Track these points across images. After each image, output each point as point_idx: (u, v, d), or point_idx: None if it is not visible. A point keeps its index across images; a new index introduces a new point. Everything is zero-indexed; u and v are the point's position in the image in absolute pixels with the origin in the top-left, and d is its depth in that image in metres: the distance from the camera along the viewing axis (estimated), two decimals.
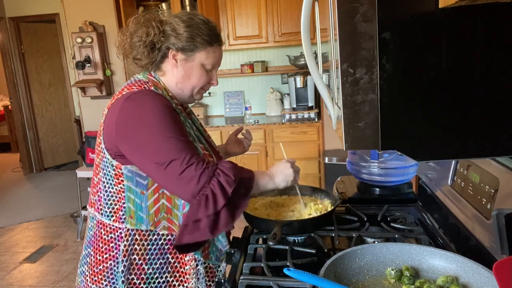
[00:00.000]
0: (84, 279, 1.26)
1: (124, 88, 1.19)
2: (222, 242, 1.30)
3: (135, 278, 1.21)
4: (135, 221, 1.19)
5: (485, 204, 1.00)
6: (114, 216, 1.20)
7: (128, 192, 1.18)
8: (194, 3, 3.87)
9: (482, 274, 0.88)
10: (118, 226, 1.19)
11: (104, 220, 1.21)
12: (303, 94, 4.06)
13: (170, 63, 1.21)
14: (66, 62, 5.78)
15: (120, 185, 1.18)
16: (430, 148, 0.66)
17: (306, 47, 0.82)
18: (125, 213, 1.19)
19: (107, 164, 1.18)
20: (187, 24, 1.19)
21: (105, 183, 1.20)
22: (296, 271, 0.92)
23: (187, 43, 1.18)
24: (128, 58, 1.26)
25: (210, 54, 1.22)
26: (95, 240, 1.24)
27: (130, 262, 1.20)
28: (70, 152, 6.53)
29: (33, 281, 3.23)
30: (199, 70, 1.23)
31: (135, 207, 1.18)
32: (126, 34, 1.21)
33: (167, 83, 1.24)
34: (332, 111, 0.82)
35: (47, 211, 4.67)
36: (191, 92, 1.25)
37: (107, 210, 1.20)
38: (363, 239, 1.25)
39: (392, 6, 0.62)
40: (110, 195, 1.19)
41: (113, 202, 1.19)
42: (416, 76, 0.63)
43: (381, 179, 1.61)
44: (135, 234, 1.19)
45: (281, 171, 1.23)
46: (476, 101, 0.63)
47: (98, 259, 1.22)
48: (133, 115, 1.11)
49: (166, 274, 1.22)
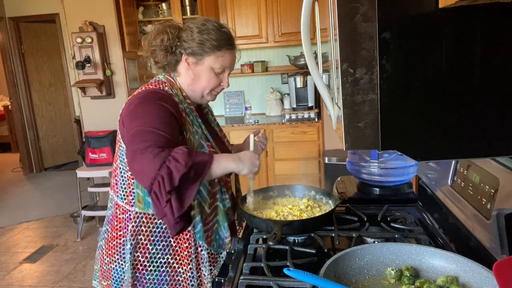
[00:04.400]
0: (101, 252, 1.43)
1: (143, 86, 1.34)
2: (224, 233, 1.37)
3: (140, 256, 1.35)
4: (143, 205, 1.31)
5: (485, 204, 1.00)
6: (126, 199, 1.34)
7: None
8: (194, 3, 3.87)
9: (482, 274, 0.88)
10: (128, 209, 1.34)
11: (119, 202, 1.36)
12: (303, 94, 4.06)
13: (184, 66, 1.35)
14: (66, 62, 5.78)
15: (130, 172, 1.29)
16: (430, 148, 0.66)
17: (306, 47, 0.82)
18: (134, 198, 1.32)
19: (122, 151, 1.32)
20: (199, 30, 1.31)
21: (121, 169, 1.34)
22: (296, 271, 0.92)
23: (197, 47, 1.30)
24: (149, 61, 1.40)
25: (218, 58, 1.32)
26: (112, 218, 1.40)
27: (136, 241, 1.34)
28: (70, 152, 6.53)
29: (33, 281, 3.23)
30: (208, 73, 1.34)
31: (142, 193, 1.30)
32: (148, 39, 1.36)
33: (182, 83, 1.37)
34: (332, 111, 0.82)
35: (47, 211, 4.67)
36: (202, 93, 1.37)
37: (121, 193, 1.35)
38: (363, 239, 1.25)
39: (392, 6, 0.62)
40: (124, 180, 1.34)
41: (126, 187, 1.34)
42: (416, 76, 0.63)
43: (381, 179, 1.61)
44: (142, 217, 1.33)
45: (250, 159, 1.27)
46: (476, 101, 0.63)
47: (113, 235, 1.38)
48: (136, 107, 1.25)
49: (168, 255, 1.35)
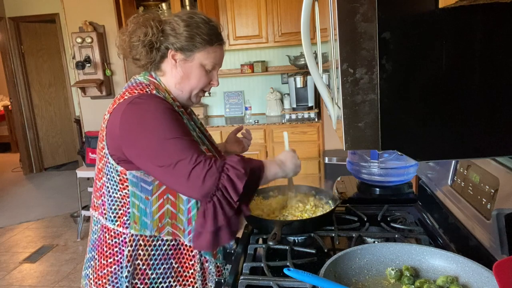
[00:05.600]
0: (89, 282, 1.26)
1: (126, 91, 1.17)
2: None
3: (139, 283, 1.20)
4: (139, 226, 1.18)
5: (485, 204, 1.00)
6: (119, 221, 1.19)
7: (132, 197, 1.17)
8: (194, 3, 3.87)
9: (482, 274, 0.88)
10: (122, 231, 1.19)
11: (109, 225, 1.20)
12: (303, 94, 4.06)
13: (170, 63, 1.20)
14: (66, 62, 5.78)
15: (124, 191, 1.17)
16: (430, 148, 0.66)
17: (306, 47, 0.82)
18: (130, 219, 1.18)
19: (111, 169, 1.17)
20: (187, 23, 1.17)
21: (109, 188, 1.19)
22: (296, 271, 0.92)
23: (186, 42, 1.17)
24: (128, 58, 1.24)
25: (210, 54, 1.20)
26: (100, 244, 1.23)
27: (134, 267, 1.19)
28: (70, 152, 6.53)
29: (33, 281, 3.23)
30: (199, 70, 1.21)
31: (139, 212, 1.17)
32: (125, 34, 1.20)
33: (167, 83, 1.22)
34: (332, 111, 0.82)
35: (47, 211, 4.67)
36: (190, 93, 1.24)
37: (111, 215, 1.19)
38: (363, 239, 1.25)
39: (392, 6, 0.62)
40: (115, 200, 1.18)
41: (118, 207, 1.19)
42: (416, 76, 0.63)
43: (381, 179, 1.61)
44: (139, 239, 1.19)
45: (290, 160, 1.22)
46: (476, 101, 0.63)
47: (102, 263, 1.22)
48: (136, 120, 1.10)
49: (170, 278, 1.22)
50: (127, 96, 1.14)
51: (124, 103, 1.12)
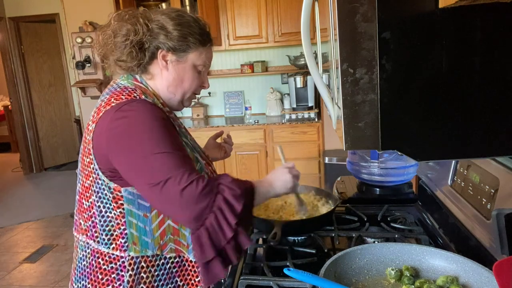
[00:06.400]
0: None
1: (111, 98, 1.04)
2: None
3: None
4: (140, 247, 1.07)
5: (485, 204, 1.00)
6: (114, 244, 1.07)
7: (129, 216, 1.06)
8: (194, 3, 3.87)
9: (482, 274, 0.88)
10: (119, 255, 1.07)
11: (102, 249, 1.08)
12: (303, 94, 4.06)
13: (159, 65, 1.10)
14: (66, 62, 5.79)
15: (119, 209, 1.05)
16: (430, 148, 0.66)
17: (306, 47, 0.82)
18: (127, 240, 1.06)
19: (103, 186, 1.05)
20: (177, 22, 1.08)
21: (100, 208, 1.06)
22: (296, 271, 0.92)
23: (179, 42, 1.08)
24: (107, 60, 1.12)
25: (202, 55, 1.12)
26: (92, 271, 1.09)
27: None
28: (70, 152, 6.53)
29: (33, 281, 3.23)
30: (192, 72, 1.12)
31: (138, 232, 1.06)
32: (107, 32, 1.08)
33: (156, 87, 1.12)
34: (332, 111, 0.82)
35: (47, 211, 4.66)
36: (183, 96, 1.15)
37: (105, 237, 1.07)
38: (363, 239, 1.25)
39: (392, 6, 0.62)
40: (108, 220, 1.06)
41: (112, 228, 1.07)
42: (416, 76, 0.63)
43: (381, 179, 1.61)
44: (141, 261, 1.07)
45: (279, 178, 1.12)
46: (476, 101, 0.63)
47: None
48: (124, 130, 0.99)
49: None
50: (113, 103, 1.02)
51: (111, 111, 1.01)
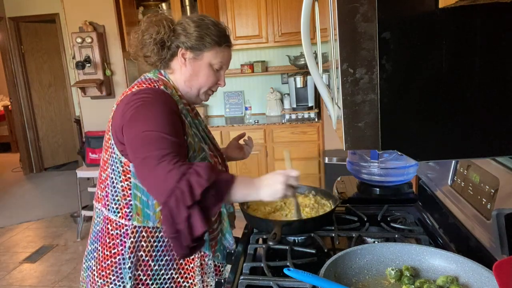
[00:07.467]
0: (91, 273, 1.27)
1: (134, 85, 1.21)
2: (229, 241, 1.31)
3: (142, 274, 1.23)
4: (142, 218, 1.20)
5: (485, 204, 1.00)
6: (121, 213, 1.21)
7: (134, 189, 1.18)
8: (194, 3, 3.87)
9: (482, 274, 0.88)
10: (124, 223, 1.21)
11: (111, 216, 1.22)
12: (303, 94, 4.06)
13: (179, 61, 1.25)
14: (66, 62, 5.78)
15: (127, 182, 1.19)
16: (430, 148, 0.66)
17: (306, 47, 0.82)
18: (132, 211, 1.20)
19: (116, 160, 1.19)
20: (197, 24, 1.23)
21: (113, 179, 1.20)
22: (296, 271, 0.92)
23: (196, 42, 1.22)
24: (138, 56, 1.28)
25: (218, 54, 1.25)
26: (102, 235, 1.25)
27: (137, 258, 1.22)
28: (70, 152, 6.53)
29: (33, 281, 3.23)
30: (207, 69, 1.25)
31: (141, 204, 1.19)
32: (138, 32, 1.25)
33: (176, 81, 1.27)
34: (332, 111, 0.82)
35: (47, 211, 4.66)
36: (198, 91, 1.28)
37: (114, 206, 1.21)
38: (363, 239, 1.25)
39: (392, 6, 0.62)
40: (118, 191, 1.20)
41: (120, 199, 1.20)
42: (416, 76, 0.63)
43: (381, 179, 1.61)
44: (142, 231, 1.21)
45: (270, 185, 1.09)
46: (476, 101, 0.63)
47: (105, 254, 1.23)
48: (139, 106, 1.12)
49: (172, 270, 1.25)
50: (135, 89, 1.18)
51: (130, 95, 1.17)
